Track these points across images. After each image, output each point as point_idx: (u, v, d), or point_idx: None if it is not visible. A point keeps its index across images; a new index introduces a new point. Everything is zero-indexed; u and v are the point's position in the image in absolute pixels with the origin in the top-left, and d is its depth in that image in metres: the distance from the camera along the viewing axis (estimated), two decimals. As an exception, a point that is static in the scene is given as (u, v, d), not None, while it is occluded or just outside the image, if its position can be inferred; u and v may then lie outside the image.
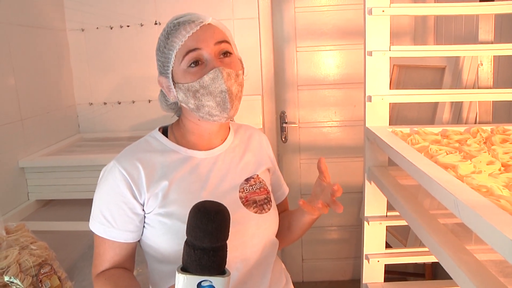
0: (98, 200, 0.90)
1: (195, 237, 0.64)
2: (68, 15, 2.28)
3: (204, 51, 0.86)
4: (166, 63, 0.89)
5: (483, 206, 0.68)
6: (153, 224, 0.89)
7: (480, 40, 1.46)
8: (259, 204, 0.95)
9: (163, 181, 0.89)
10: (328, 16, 2.45)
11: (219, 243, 0.65)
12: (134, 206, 0.88)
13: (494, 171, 0.91)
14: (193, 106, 0.88)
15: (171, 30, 0.88)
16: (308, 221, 1.01)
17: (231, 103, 0.86)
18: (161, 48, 0.90)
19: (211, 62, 0.85)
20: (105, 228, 0.89)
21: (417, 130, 1.28)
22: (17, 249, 1.12)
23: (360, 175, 2.60)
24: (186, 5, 2.22)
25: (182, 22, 0.88)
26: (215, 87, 0.85)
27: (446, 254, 0.81)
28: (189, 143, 0.96)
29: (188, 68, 0.86)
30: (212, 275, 0.64)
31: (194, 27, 0.86)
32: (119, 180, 0.88)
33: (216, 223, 0.65)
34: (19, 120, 1.82)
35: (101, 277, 0.89)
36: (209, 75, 0.84)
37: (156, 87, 0.98)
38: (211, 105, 0.86)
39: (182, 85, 0.87)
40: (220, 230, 0.65)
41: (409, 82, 2.23)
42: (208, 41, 0.86)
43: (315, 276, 2.80)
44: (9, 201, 1.75)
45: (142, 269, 1.31)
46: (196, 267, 0.64)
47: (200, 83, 0.85)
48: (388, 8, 1.27)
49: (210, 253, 0.64)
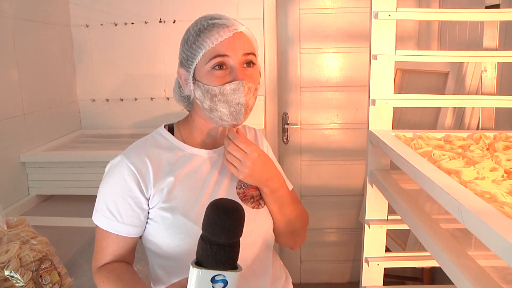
0: (103, 193, 0.91)
1: (213, 233, 0.65)
2: (73, 11, 2.28)
3: (231, 59, 0.88)
4: (191, 58, 0.90)
5: (487, 212, 0.68)
6: (156, 219, 0.90)
7: (485, 47, 1.46)
8: (256, 199, 0.98)
9: (169, 177, 0.91)
10: (333, 18, 2.46)
11: (235, 239, 0.67)
12: (140, 201, 0.89)
13: (497, 178, 0.91)
14: (207, 107, 0.90)
15: (204, 29, 0.88)
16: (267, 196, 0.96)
17: (244, 116, 0.90)
18: (189, 43, 0.90)
19: (235, 70, 0.88)
20: (109, 222, 0.89)
21: (420, 135, 1.28)
22: (18, 243, 1.12)
23: (360, 178, 2.60)
24: (191, 4, 2.22)
25: (216, 24, 0.88)
26: (233, 98, 0.87)
27: (448, 259, 0.81)
28: (195, 140, 0.97)
29: (212, 69, 0.88)
30: (226, 270, 0.65)
31: (227, 33, 0.87)
32: (126, 174, 0.89)
33: (233, 220, 0.66)
34: (21, 114, 1.82)
35: (103, 271, 0.89)
36: (231, 85, 0.87)
37: (159, 85, 0.99)
38: (224, 112, 0.89)
39: (203, 85, 0.89)
40: (237, 227, 0.67)
41: (412, 87, 2.23)
42: (237, 50, 0.88)
43: (313, 278, 2.80)
44: (10, 195, 1.75)
45: (142, 267, 1.31)
46: (211, 261, 0.65)
47: (221, 89, 0.87)
48: (394, 12, 1.27)
49: (226, 248, 0.65)
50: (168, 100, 2.31)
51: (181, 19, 2.24)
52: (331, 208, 2.68)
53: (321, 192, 2.63)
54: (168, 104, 2.32)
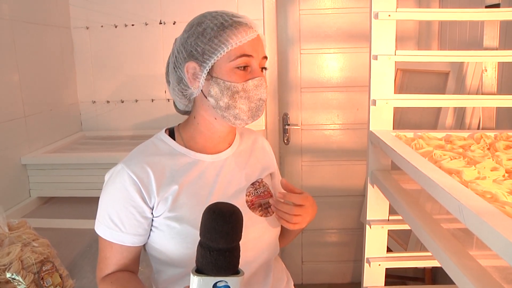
0: (105, 203, 0.89)
1: (211, 239, 0.64)
2: (73, 12, 2.28)
3: (255, 60, 0.88)
4: (209, 53, 0.86)
5: (488, 212, 0.68)
6: (162, 228, 0.88)
7: (485, 46, 1.46)
8: (264, 207, 0.96)
9: (173, 185, 0.88)
10: (333, 19, 2.46)
11: (234, 244, 0.66)
12: (143, 210, 0.87)
13: (498, 178, 0.91)
14: (223, 105, 0.87)
15: (229, 25, 0.86)
16: (298, 231, 1.04)
17: (262, 112, 0.92)
18: (208, 36, 0.86)
19: (256, 71, 0.88)
20: (112, 232, 0.87)
21: (421, 135, 1.28)
22: (19, 245, 1.12)
23: (361, 178, 2.60)
24: (191, 5, 2.22)
25: (242, 23, 0.87)
26: (255, 94, 0.88)
27: (450, 259, 0.81)
28: (197, 145, 0.95)
29: (235, 68, 0.86)
30: (228, 275, 0.64)
31: (252, 33, 0.87)
32: (128, 184, 0.86)
33: (231, 224, 0.65)
34: (22, 117, 1.82)
35: (107, 281, 0.88)
36: (254, 82, 0.87)
37: (159, 86, 0.98)
38: (243, 108, 0.88)
39: (223, 82, 0.86)
40: (235, 231, 0.66)
41: (412, 87, 2.23)
42: (259, 53, 0.89)
43: (315, 279, 2.80)
44: (11, 197, 1.75)
45: (143, 268, 1.31)
46: (212, 268, 0.64)
47: (244, 86, 0.86)
48: (394, 12, 1.28)
49: (226, 253, 0.64)
50: (169, 102, 2.30)
51: (181, 21, 2.24)
52: (332, 209, 2.67)
53: (322, 193, 2.63)
54: (169, 105, 2.32)
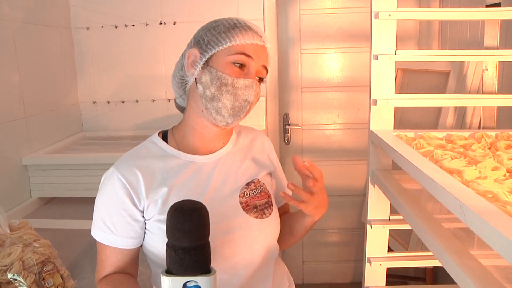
0: (98, 206, 0.90)
1: (174, 238, 0.63)
2: (74, 13, 2.29)
3: (254, 62, 0.89)
4: (212, 43, 0.88)
5: (489, 212, 0.68)
6: (153, 231, 0.89)
7: (486, 46, 1.46)
8: (259, 209, 0.94)
9: (162, 188, 0.88)
10: (333, 18, 2.45)
11: (199, 242, 0.64)
12: (134, 213, 0.88)
13: (499, 177, 0.90)
14: (209, 94, 0.87)
15: (240, 27, 0.89)
16: (309, 224, 1.00)
17: (244, 114, 0.90)
18: (218, 30, 0.89)
19: (252, 75, 0.89)
20: (105, 235, 0.88)
21: (421, 135, 1.28)
22: (20, 246, 1.12)
23: (362, 178, 2.60)
24: (192, 6, 2.21)
25: (252, 30, 0.90)
26: (243, 93, 0.87)
27: (451, 259, 0.80)
28: (189, 146, 0.94)
29: (232, 64, 0.87)
30: (197, 275, 0.63)
31: (258, 40, 0.89)
32: (118, 187, 0.87)
33: (194, 221, 0.64)
34: (23, 117, 1.82)
35: (102, 282, 0.89)
36: (245, 81, 0.87)
37: (160, 87, 0.98)
38: (226, 104, 0.87)
39: (216, 72, 0.87)
40: (198, 229, 0.64)
41: (413, 86, 2.23)
42: (260, 59, 0.90)
43: (316, 278, 2.80)
44: (12, 198, 1.75)
45: (144, 268, 1.30)
46: (179, 268, 0.63)
47: (234, 80, 0.86)
48: (394, 12, 1.28)
49: (191, 252, 0.63)
50: (169, 102, 2.30)
51: (181, 21, 2.24)
52: (333, 209, 2.67)
53: (323, 193, 2.63)
54: (169, 105, 2.32)
